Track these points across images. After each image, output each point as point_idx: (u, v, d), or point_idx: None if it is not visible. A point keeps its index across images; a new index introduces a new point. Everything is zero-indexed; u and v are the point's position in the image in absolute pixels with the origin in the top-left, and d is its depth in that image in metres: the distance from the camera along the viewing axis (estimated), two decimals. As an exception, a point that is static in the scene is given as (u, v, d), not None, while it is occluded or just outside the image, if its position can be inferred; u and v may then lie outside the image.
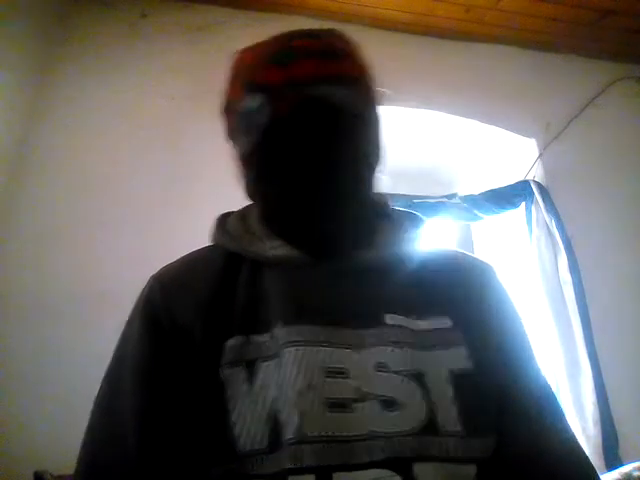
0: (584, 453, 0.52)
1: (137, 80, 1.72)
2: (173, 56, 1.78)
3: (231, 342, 0.50)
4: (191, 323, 0.52)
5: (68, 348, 1.33)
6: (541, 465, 0.50)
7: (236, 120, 0.57)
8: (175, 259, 0.61)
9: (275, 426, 0.45)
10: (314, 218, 0.54)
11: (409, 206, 1.91)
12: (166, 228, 1.50)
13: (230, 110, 0.58)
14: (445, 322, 0.54)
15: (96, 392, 0.54)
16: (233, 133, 0.59)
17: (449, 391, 0.49)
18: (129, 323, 0.56)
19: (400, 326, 0.52)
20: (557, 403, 0.55)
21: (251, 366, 0.49)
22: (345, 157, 0.53)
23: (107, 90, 1.68)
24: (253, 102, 0.53)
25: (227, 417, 0.46)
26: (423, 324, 0.53)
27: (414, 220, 0.65)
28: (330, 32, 0.58)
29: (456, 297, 0.57)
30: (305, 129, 0.52)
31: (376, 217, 0.63)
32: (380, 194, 0.65)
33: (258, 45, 0.57)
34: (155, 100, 1.69)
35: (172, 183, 1.60)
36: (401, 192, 1.99)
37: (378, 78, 0.60)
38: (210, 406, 0.47)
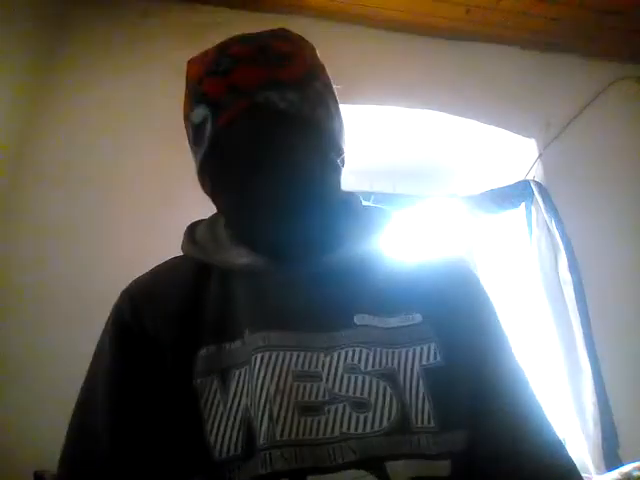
0: (561, 446, 0.52)
1: (137, 80, 1.72)
2: (174, 56, 1.77)
3: (203, 352, 0.51)
4: (162, 334, 0.53)
5: (68, 348, 1.33)
6: (516, 460, 0.49)
7: (189, 132, 0.58)
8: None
9: (248, 433, 0.46)
10: (269, 225, 0.53)
11: (409, 206, 1.91)
12: (166, 228, 1.50)
13: (185, 122, 0.59)
14: (415, 318, 0.55)
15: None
16: (190, 144, 0.59)
17: (421, 388, 0.49)
18: (102, 336, 0.56)
19: (369, 326, 0.53)
20: (534, 397, 0.55)
21: (225, 374, 0.49)
22: (294, 160, 0.52)
23: (107, 90, 1.68)
24: (199, 114, 0.54)
25: (203, 426, 0.47)
26: (393, 321, 0.54)
27: (383, 216, 0.64)
28: (272, 33, 0.57)
29: (427, 293, 0.57)
30: (247, 136, 0.52)
31: (344, 217, 0.62)
32: (349, 192, 0.65)
33: (202, 54, 0.57)
34: (155, 100, 1.69)
35: (172, 183, 1.59)
36: (401, 192, 2.00)
37: (337, 75, 0.59)
38: (185, 416, 0.48)
